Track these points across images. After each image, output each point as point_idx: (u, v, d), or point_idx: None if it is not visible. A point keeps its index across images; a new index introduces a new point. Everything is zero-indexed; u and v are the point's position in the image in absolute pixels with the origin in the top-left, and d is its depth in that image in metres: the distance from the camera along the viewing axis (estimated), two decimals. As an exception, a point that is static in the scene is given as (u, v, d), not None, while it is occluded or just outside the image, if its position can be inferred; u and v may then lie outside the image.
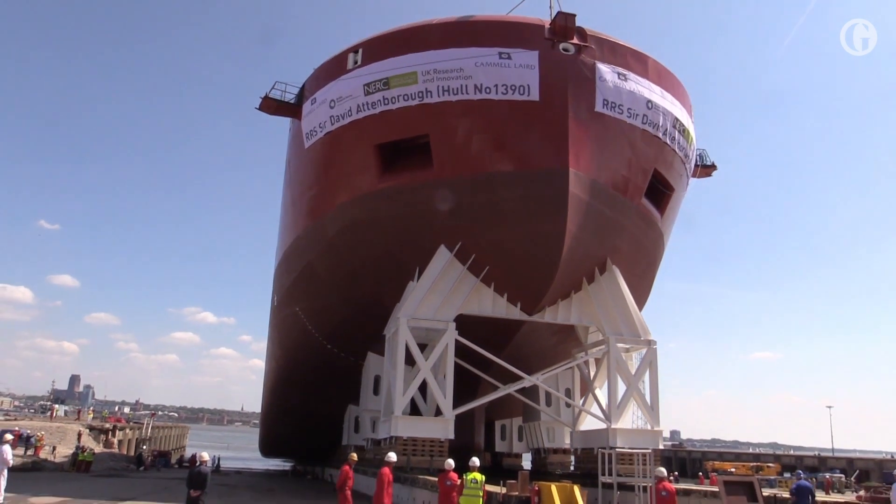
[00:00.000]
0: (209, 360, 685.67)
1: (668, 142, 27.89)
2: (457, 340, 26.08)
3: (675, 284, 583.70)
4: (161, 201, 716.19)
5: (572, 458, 31.02)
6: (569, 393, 32.00)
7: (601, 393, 28.65)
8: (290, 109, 30.99)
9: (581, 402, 30.79)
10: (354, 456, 18.56)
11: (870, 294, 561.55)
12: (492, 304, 26.89)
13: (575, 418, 30.11)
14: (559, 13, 25.71)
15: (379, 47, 26.95)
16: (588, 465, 27.99)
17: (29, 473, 33.09)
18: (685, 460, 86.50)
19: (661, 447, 27.34)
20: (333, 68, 28.41)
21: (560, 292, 27.24)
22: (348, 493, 16.92)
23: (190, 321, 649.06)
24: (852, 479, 52.59)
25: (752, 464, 66.27)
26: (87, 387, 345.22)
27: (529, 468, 33.65)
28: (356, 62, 27.36)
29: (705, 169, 35.35)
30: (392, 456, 16.46)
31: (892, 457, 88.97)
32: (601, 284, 27.81)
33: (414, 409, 27.82)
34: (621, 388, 27.61)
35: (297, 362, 38.19)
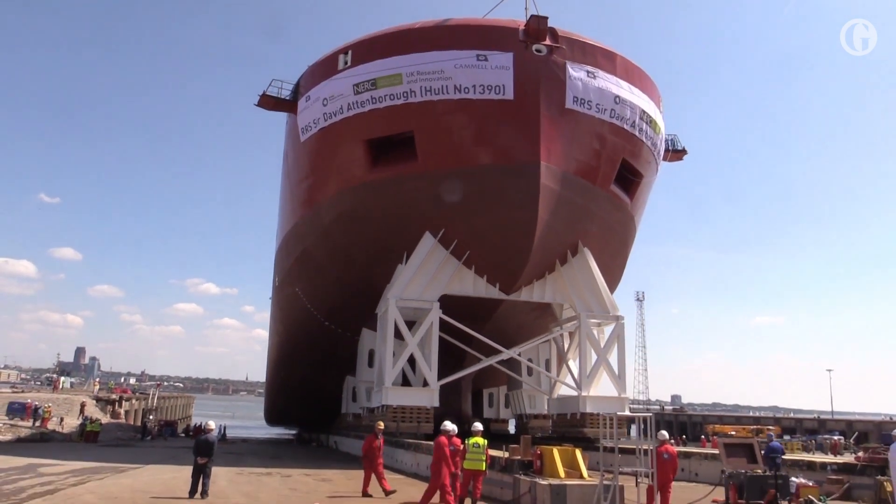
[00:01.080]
0: (213, 330, 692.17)
1: (636, 133, 30.22)
2: (441, 318, 28.81)
3: (678, 249, 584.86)
4: (160, 173, 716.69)
5: (550, 422, 33.93)
6: (548, 364, 34.78)
7: (574, 364, 31.45)
8: (286, 105, 33.30)
9: (556, 372, 33.57)
10: (381, 424, 18.50)
11: (872, 257, 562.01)
12: (473, 285, 29.59)
13: (551, 387, 32.98)
14: (532, 16, 27.89)
15: (367, 50, 29.20)
16: (563, 428, 30.96)
17: (37, 444, 34.13)
18: (686, 424, 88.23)
19: (627, 412, 30.08)
20: (325, 68, 30.66)
21: (535, 273, 29.90)
22: (380, 465, 17.10)
23: (192, 292, 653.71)
24: (851, 440, 53.43)
25: (752, 427, 66.49)
26: (93, 359, 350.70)
27: (513, 432, 36.68)
28: (346, 63, 29.62)
29: (676, 153, 37.68)
30: (448, 425, 15.46)
31: (891, 419, 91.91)
32: (573, 265, 30.47)
33: (405, 381, 30.72)
34: (594, 359, 30.46)
35: (299, 338, 41.05)
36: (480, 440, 15.39)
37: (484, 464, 15.19)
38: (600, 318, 30.70)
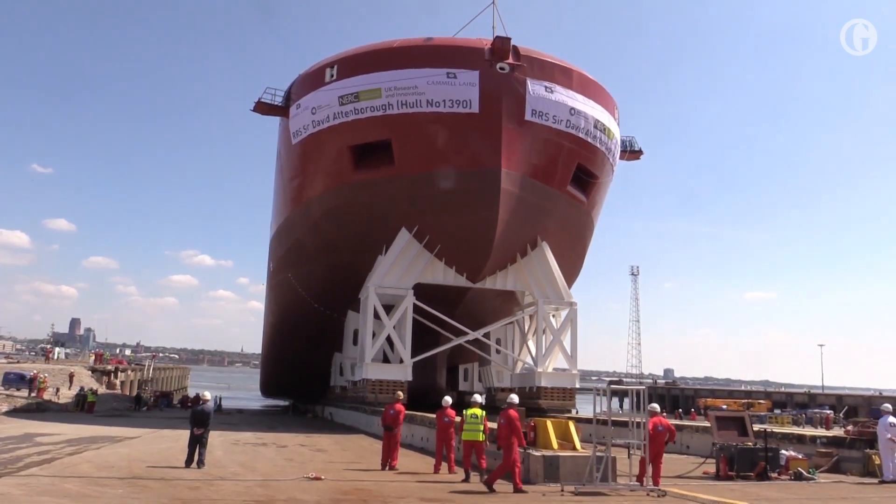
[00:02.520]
0: (208, 302, 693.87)
1: (590, 140, 34.09)
2: (415, 303, 32.93)
3: (671, 224, 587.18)
4: (154, 144, 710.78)
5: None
6: (511, 344, 39.00)
7: (533, 344, 35.69)
8: (279, 111, 37.08)
9: (518, 351, 37.82)
10: (401, 394, 19.08)
11: (865, 234, 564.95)
12: (443, 275, 33.69)
13: (513, 364, 37.26)
14: (497, 37, 31.70)
15: (351, 65, 32.92)
16: (523, 400, 35.08)
17: (34, 414, 34.62)
18: (678, 398, 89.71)
19: (577, 386, 34.34)
20: (314, 79, 34.37)
21: (498, 264, 34.01)
22: (398, 433, 17.19)
23: (187, 264, 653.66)
24: (841, 414, 54.74)
25: (743, 400, 68.58)
26: (88, 330, 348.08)
27: (483, 404, 40.93)
28: (332, 76, 33.35)
29: (633, 154, 41.63)
30: (514, 398, 14.91)
31: (880, 393, 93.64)
32: (532, 258, 34.57)
33: (385, 358, 34.88)
34: (551, 339, 34.68)
35: (291, 318, 45.20)
36: (478, 411, 15.36)
37: (482, 434, 15.14)
38: (556, 304, 34.89)
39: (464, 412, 15.43)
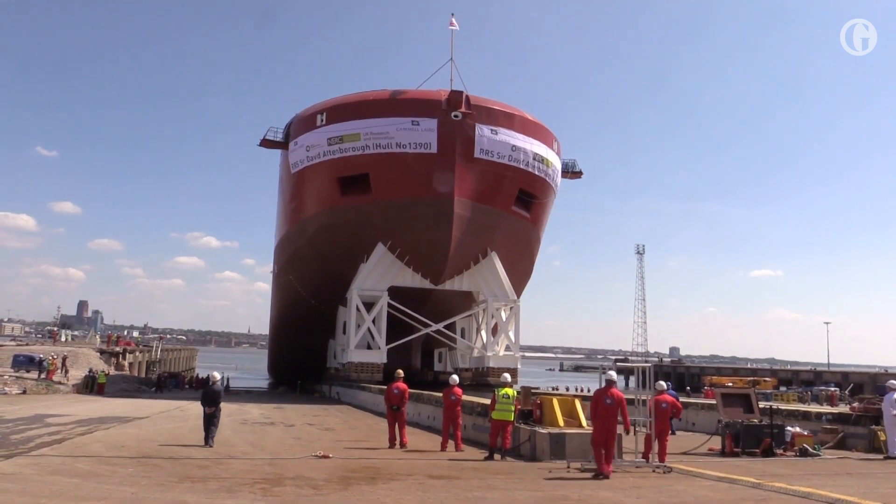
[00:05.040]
0: (214, 283, 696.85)
1: (530, 169, 42.59)
2: (389, 302, 41.69)
3: (676, 203, 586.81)
4: (158, 126, 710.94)
5: (471, 373, 47.11)
6: (468, 333, 47.75)
7: (485, 333, 44.51)
8: (280, 145, 45.76)
9: (473, 339, 46.64)
10: (401, 372, 18.65)
11: (872, 211, 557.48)
12: (411, 279, 42.46)
13: (471, 349, 46.13)
14: (452, 91, 40.10)
15: (337, 114, 41.41)
16: (477, 378, 43.98)
17: (44, 396, 35.44)
18: (684, 376, 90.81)
19: (518, 366, 43.15)
20: (308, 122, 42.91)
21: (454, 271, 42.73)
22: (404, 411, 17.28)
23: (193, 246, 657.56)
24: (846, 392, 55.66)
25: (748, 378, 70.35)
26: (96, 312, 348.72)
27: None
28: (322, 121, 41.89)
29: (574, 174, 50.25)
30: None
31: (886, 370, 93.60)
32: (483, 265, 43.33)
33: (369, 345, 43.66)
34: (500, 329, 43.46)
35: (293, 311, 54.14)
36: (510, 391, 15.51)
37: (512, 414, 15.31)
38: (503, 302, 43.66)
39: (495, 392, 15.59)
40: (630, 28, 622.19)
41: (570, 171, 49.83)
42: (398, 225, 40.90)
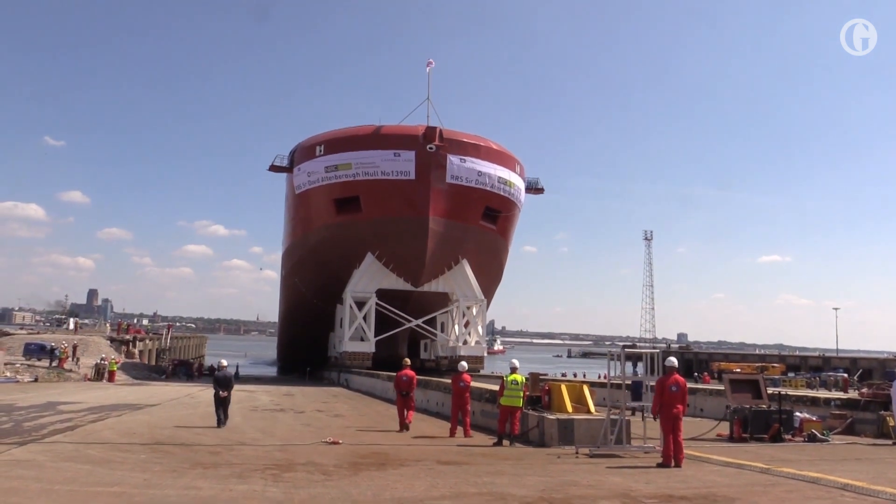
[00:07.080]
0: (223, 272, 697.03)
1: (494, 190, 51.03)
2: (377, 302, 50.35)
3: (684, 188, 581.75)
4: (165, 115, 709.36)
5: (447, 361, 55.71)
6: (445, 327, 56.30)
7: (457, 327, 53.15)
8: (286, 169, 54.53)
9: (449, 332, 55.25)
10: (408, 360, 19.29)
11: (881, 196, 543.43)
12: (395, 282, 51.09)
13: (447, 341, 54.79)
14: (427, 127, 48.54)
15: (333, 146, 49.96)
16: (451, 365, 52.59)
17: (55, 383, 35.87)
18: (692, 362, 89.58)
19: (485, 354, 51.80)
20: (308, 152, 51.52)
21: (431, 275, 51.30)
22: (412, 396, 17.77)
23: (201, 234, 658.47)
24: (855, 377, 55.24)
25: (757, 364, 70.54)
26: (106, 300, 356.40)
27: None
28: (320, 152, 50.46)
29: (537, 190, 58.88)
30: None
31: (894, 356, 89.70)
32: (456, 270, 51.93)
33: (362, 338, 52.28)
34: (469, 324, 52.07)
35: (298, 308, 62.94)
36: (519, 377, 15.47)
37: (521, 400, 15.31)
38: (472, 301, 52.31)
39: (504, 378, 15.55)
40: (636, 11, 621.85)
41: (534, 188, 58.41)
42: (384, 238, 49.43)
